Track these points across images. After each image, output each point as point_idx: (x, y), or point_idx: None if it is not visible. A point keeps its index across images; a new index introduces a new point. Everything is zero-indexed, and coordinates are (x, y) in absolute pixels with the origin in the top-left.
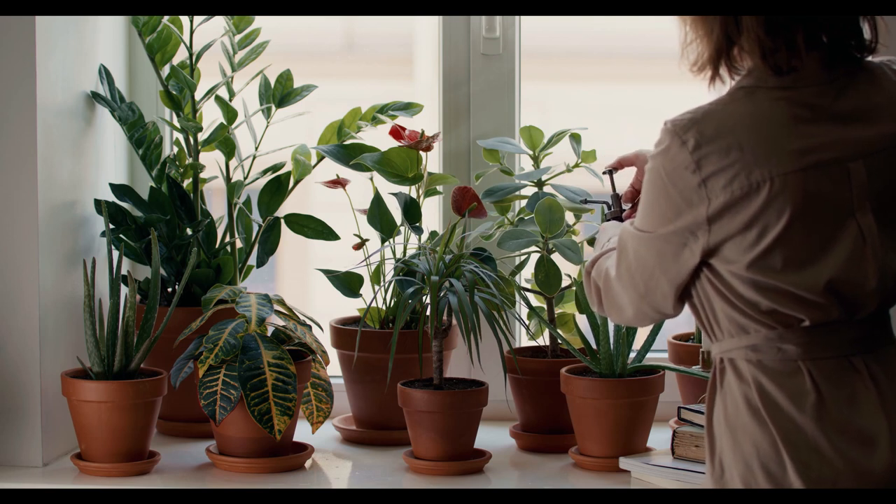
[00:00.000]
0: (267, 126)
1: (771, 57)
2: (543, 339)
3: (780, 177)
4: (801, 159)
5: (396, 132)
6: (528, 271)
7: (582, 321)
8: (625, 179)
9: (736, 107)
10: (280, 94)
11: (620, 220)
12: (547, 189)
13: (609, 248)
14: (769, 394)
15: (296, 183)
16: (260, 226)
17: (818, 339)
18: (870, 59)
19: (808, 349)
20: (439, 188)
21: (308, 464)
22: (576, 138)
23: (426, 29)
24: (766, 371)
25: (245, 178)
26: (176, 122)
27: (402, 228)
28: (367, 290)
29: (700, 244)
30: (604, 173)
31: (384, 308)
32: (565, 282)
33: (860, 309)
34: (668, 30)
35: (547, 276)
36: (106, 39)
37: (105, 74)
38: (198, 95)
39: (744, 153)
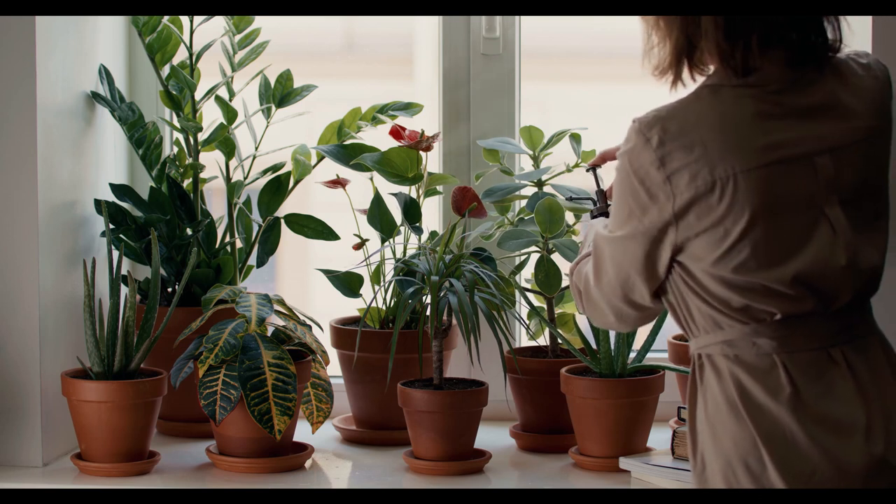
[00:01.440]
0: (267, 126)
1: (730, 59)
2: (544, 339)
3: (743, 173)
4: (765, 155)
5: (396, 132)
6: (528, 271)
7: (582, 321)
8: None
9: (701, 104)
10: (280, 94)
11: (608, 215)
12: (547, 189)
13: (587, 254)
14: (747, 389)
15: (296, 183)
16: (260, 226)
17: (793, 332)
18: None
19: (784, 343)
20: (439, 188)
21: (308, 464)
22: (576, 138)
23: (426, 29)
24: (743, 366)
25: (245, 178)
26: (176, 122)
27: (402, 228)
28: (367, 290)
29: (670, 240)
30: (587, 171)
31: (384, 308)
32: (565, 282)
33: (834, 300)
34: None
35: (547, 276)
36: (106, 39)
37: (105, 74)
38: (198, 95)
39: (707, 150)
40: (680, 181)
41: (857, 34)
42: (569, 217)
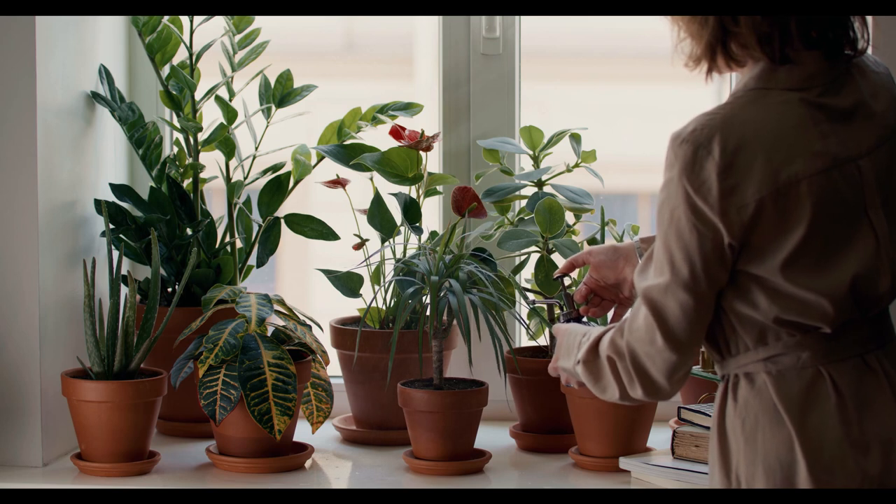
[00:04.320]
0: (267, 126)
1: (767, 44)
2: (544, 339)
3: (806, 179)
4: (822, 161)
5: (396, 132)
6: (528, 271)
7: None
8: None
9: (752, 110)
10: (280, 94)
11: (579, 321)
12: (547, 189)
13: (601, 334)
14: (792, 402)
15: (296, 183)
16: (260, 226)
17: (837, 341)
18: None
19: (828, 352)
20: (439, 188)
21: (308, 464)
22: (576, 138)
23: (426, 29)
24: (786, 380)
25: (245, 178)
26: (176, 122)
27: (402, 228)
28: (367, 290)
29: (734, 255)
30: (555, 279)
31: (384, 308)
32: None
33: (874, 307)
34: (668, 29)
35: (547, 276)
36: (106, 39)
37: (105, 74)
38: (198, 95)
39: (770, 156)
40: (744, 192)
41: None
42: (569, 217)
